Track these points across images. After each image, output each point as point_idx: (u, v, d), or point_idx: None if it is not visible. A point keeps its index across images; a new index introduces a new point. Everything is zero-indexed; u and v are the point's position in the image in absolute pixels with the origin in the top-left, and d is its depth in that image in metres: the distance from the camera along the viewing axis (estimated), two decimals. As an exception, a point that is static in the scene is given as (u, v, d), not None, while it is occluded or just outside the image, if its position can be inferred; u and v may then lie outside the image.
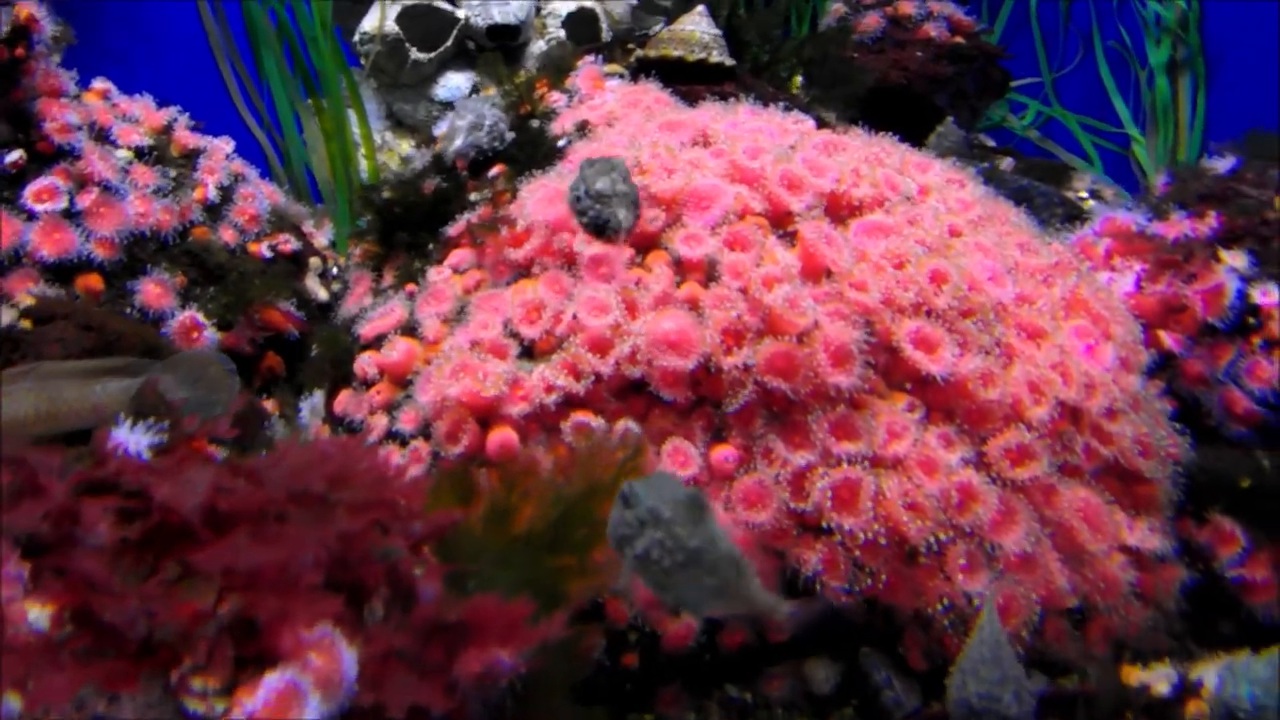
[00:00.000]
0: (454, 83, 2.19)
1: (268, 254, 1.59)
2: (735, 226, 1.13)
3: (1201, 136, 2.51)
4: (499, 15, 2.15)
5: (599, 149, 1.25)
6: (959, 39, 2.33)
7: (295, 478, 0.63)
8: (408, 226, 1.30)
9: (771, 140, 1.25)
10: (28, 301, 1.26)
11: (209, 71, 2.22)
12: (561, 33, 2.20)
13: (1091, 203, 1.95)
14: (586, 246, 1.11)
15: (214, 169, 1.62)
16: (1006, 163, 2.37)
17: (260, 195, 1.65)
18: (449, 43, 2.16)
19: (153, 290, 1.43)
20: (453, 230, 1.25)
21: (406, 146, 2.18)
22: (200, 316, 1.44)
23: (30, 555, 0.57)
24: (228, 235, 1.57)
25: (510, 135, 1.37)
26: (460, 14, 2.17)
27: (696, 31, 1.52)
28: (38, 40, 1.48)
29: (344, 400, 1.16)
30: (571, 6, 2.24)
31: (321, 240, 1.76)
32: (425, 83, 2.20)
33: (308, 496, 0.62)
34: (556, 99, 1.48)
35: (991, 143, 2.65)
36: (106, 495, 0.60)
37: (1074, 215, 1.69)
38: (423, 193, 1.33)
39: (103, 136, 1.54)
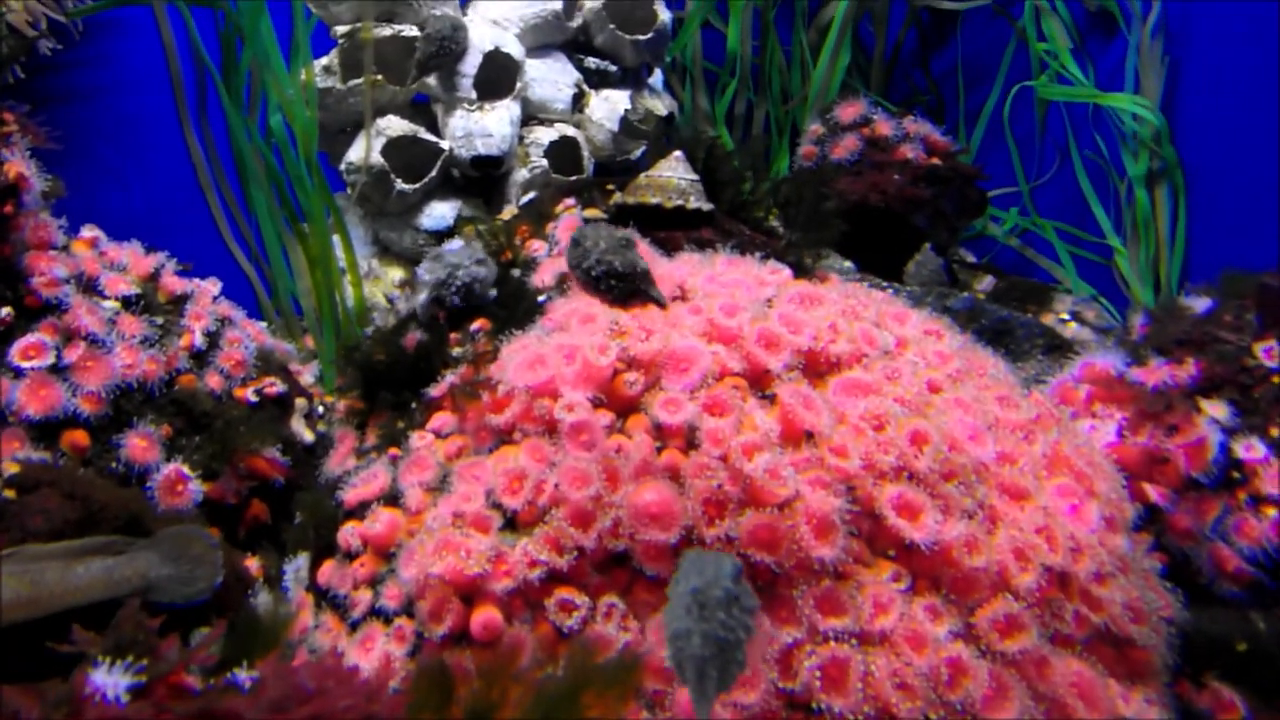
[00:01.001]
0: (439, 212, 2.21)
1: (253, 399, 1.59)
2: (714, 389, 1.14)
3: (1184, 248, 2.55)
4: (482, 147, 2.18)
5: (577, 307, 1.26)
6: (935, 160, 2.37)
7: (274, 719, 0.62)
8: (390, 384, 1.31)
9: (748, 294, 1.27)
10: (12, 469, 1.25)
11: (197, 201, 2.25)
12: (544, 161, 2.24)
13: (1074, 326, 1.97)
14: (568, 414, 1.12)
15: (200, 314, 1.63)
16: (986, 281, 2.40)
17: (246, 339, 1.66)
18: (434, 173, 2.20)
19: (138, 445, 1.43)
20: (435, 391, 1.26)
21: (394, 274, 2.20)
22: (185, 469, 1.44)
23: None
24: (214, 381, 1.57)
25: (493, 291, 1.38)
26: (444, 145, 2.21)
27: (674, 178, 1.55)
28: (27, 197, 1.50)
29: (328, 572, 1.16)
30: (554, 135, 2.28)
31: (308, 378, 1.76)
32: (411, 211, 2.23)
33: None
34: (538, 247, 1.50)
35: (971, 258, 2.68)
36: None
37: (1055, 346, 1.71)
38: (405, 348, 1.34)
39: (90, 287, 1.55)
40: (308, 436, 1.64)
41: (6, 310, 1.44)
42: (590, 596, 1.03)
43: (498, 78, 2.27)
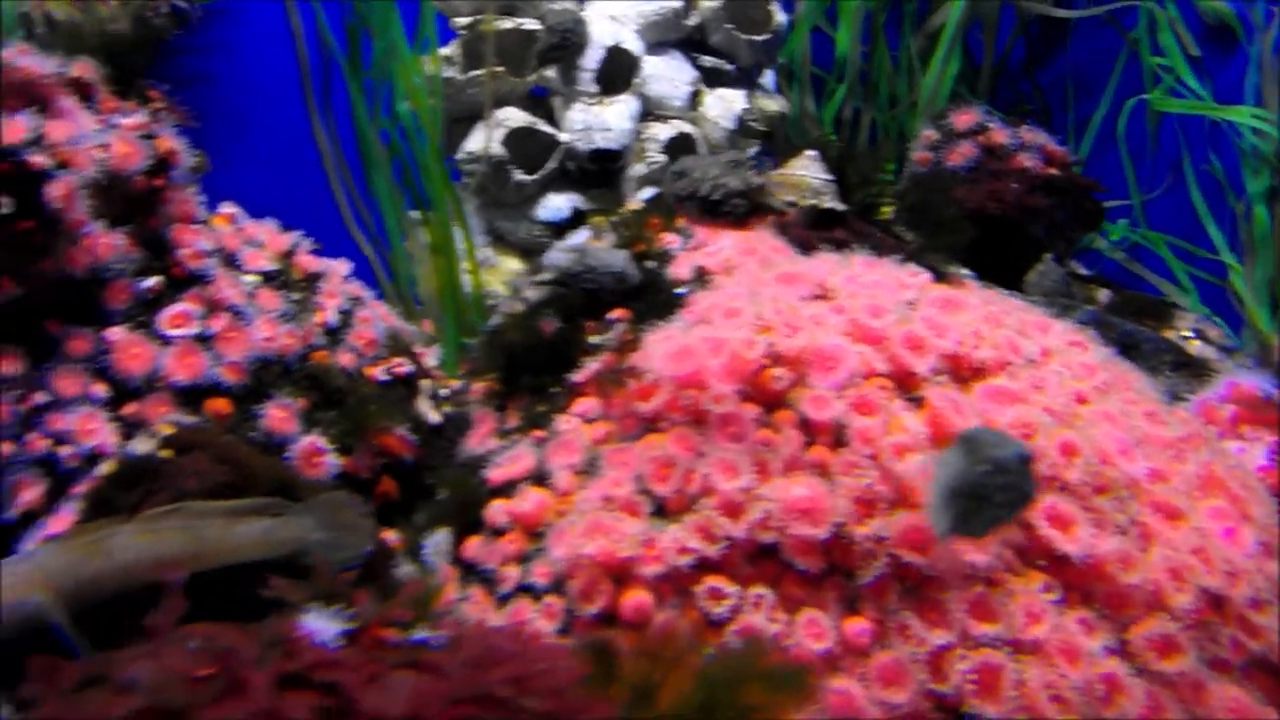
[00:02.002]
0: (555, 203, 2.24)
1: (384, 378, 1.63)
2: (862, 389, 1.14)
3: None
4: (601, 141, 2.20)
5: (719, 300, 1.27)
6: (1053, 170, 2.34)
7: (476, 676, 0.64)
8: (531, 368, 1.33)
9: (890, 296, 1.27)
10: (166, 430, 1.30)
11: (317, 186, 2.30)
12: (661, 157, 2.25)
13: (1197, 344, 1.93)
14: (716, 406, 1.13)
15: (333, 293, 1.67)
16: (1103, 295, 2.37)
17: (377, 318, 1.69)
18: (551, 165, 2.22)
19: (278, 415, 1.47)
20: (578, 377, 1.28)
21: (509, 263, 2.23)
22: (322, 442, 1.47)
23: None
24: (346, 359, 1.61)
25: (631, 281, 1.40)
26: (563, 138, 2.23)
27: (808, 177, 1.55)
28: (176, 171, 1.54)
29: (474, 547, 1.18)
30: (671, 131, 2.29)
31: (430, 361, 1.79)
32: (527, 202, 2.26)
33: (490, 699, 0.63)
34: (671, 240, 1.51)
35: (1083, 270, 2.65)
36: (303, 690, 0.62)
37: (1182, 363, 1.68)
38: (544, 333, 1.36)
39: (230, 261, 1.60)
40: (434, 417, 1.66)
41: (156, 279, 1.49)
42: (741, 586, 1.04)
43: (616, 73, 2.29)
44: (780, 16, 2.45)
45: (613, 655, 0.88)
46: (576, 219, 2.21)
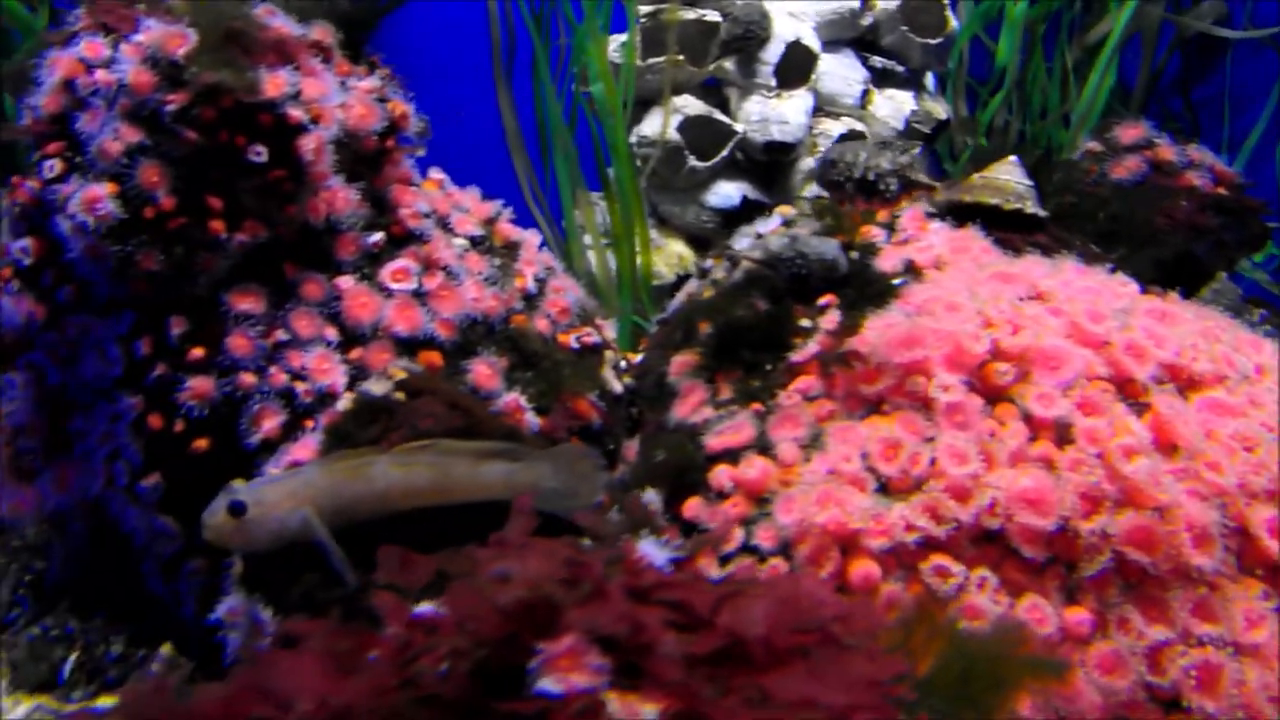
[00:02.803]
0: (725, 191, 2.29)
1: (575, 345, 1.69)
2: (1087, 390, 1.17)
3: None
4: (778, 133, 2.25)
5: (938, 294, 1.31)
6: (1222, 190, 2.33)
7: (813, 609, 0.69)
8: (747, 344, 1.38)
9: (1106, 303, 1.30)
10: (400, 375, 1.38)
11: (497, 163, 2.37)
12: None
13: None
14: (943, 394, 1.17)
15: (531, 261, 1.74)
16: (1258, 314, 2.35)
17: (569, 288, 1.76)
18: (725, 153, 2.27)
19: (484, 371, 1.54)
20: (797, 357, 1.33)
21: (674, 246, 2.29)
22: (523, 400, 1.55)
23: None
24: (541, 325, 1.68)
25: (842, 269, 1.45)
26: (738, 128, 2.28)
27: (1011, 181, 1.58)
28: (404, 134, 1.63)
29: (695, 507, 1.24)
30: (842, 128, 2.33)
31: (610, 334, 1.86)
32: (698, 189, 2.31)
33: (823, 632, 0.69)
34: (876, 233, 1.55)
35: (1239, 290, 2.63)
36: (651, 605, 0.68)
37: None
38: (758, 311, 1.41)
39: (442, 224, 1.68)
40: (617, 387, 1.73)
41: (380, 235, 1.57)
42: (965, 566, 1.08)
43: (793, 68, 2.33)
44: (955, 22, 2.47)
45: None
46: (746, 208, 2.26)
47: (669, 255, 2.26)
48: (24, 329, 1.51)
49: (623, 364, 1.85)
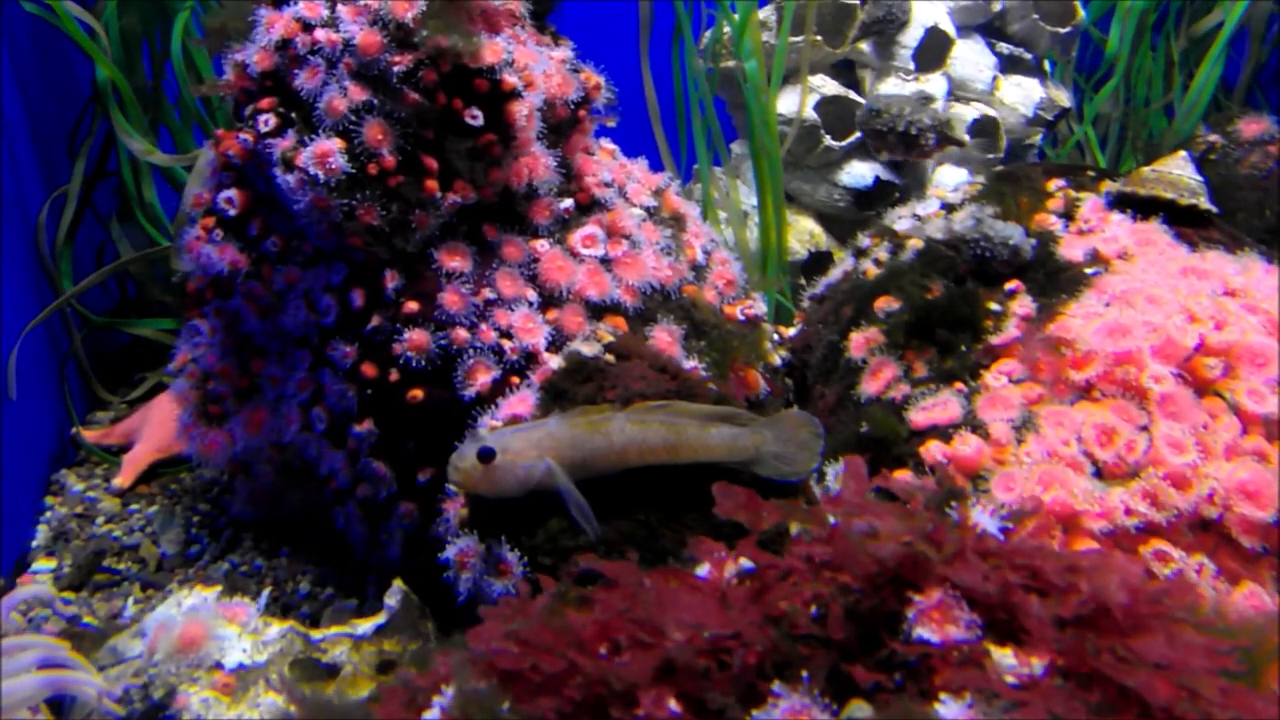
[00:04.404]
0: (859, 171, 2.33)
1: (741, 317, 1.75)
2: (1293, 388, 1.22)
3: None
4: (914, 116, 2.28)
5: (1136, 286, 1.36)
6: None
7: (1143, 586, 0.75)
8: (940, 324, 1.43)
9: (1298, 302, 1.34)
10: (608, 338, 1.43)
11: (633, 134, 2.41)
12: (966, 137, 2.33)
13: None
14: (1156, 385, 1.22)
15: (699, 233, 1.79)
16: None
17: (733, 260, 1.81)
18: (858, 134, 2.31)
19: (664, 338, 1.59)
20: (997, 339, 1.37)
21: (804, 224, 2.33)
22: (702, 368, 1.60)
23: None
24: (709, 296, 1.73)
25: (1028, 255, 1.49)
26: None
27: (1184, 176, 1.62)
28: (595, 105, 1.67)
29: (905, 480, 1.29)
30: (974, 113, 2.36)
31: (762, 308, 1.91)
32: (830, 167, 2.35)
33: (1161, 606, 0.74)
34: (1053, 222, 1.59)
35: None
36: (1009, 569, 0.73)
37: None
38: (953, 292, 1.46)
39: (620, 193, 1.72)
40: (775, 359, 1.78)
41: (570, 202, 1.62)
42: (1184, 552, 1.14)
43: (928, 52, 2.36)
44: (1083, 11, 2.49)
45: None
46: (879, 188, 2.30)
47: (800, 231, 2.30)
48: (226, 277, 1.57)
49: (775, 337, 1.91)
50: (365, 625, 1.26)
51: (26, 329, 1.89)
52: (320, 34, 1.48)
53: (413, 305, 1.45)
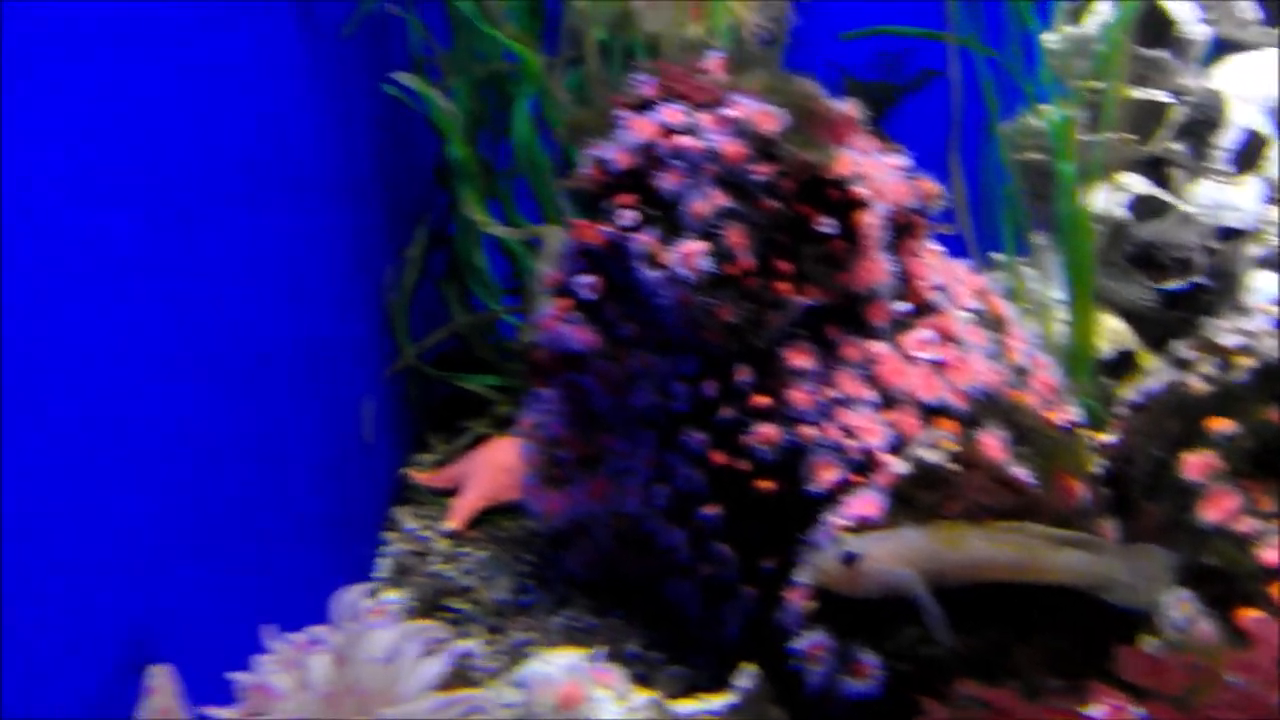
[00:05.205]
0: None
1: (1061, 422, 1.77)
2: None
3: None
4: (1231, 220, 2.26)
5: None
6: None
7: None
8: (1287, 459, 1.42)
9: None
10: (951, 446, 1.49)
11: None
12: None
13: None
14: None
15: (1019, 336, 1.82)
16: None
17: (1052, 365, 1.84)
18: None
19: (992, 444, 1.63)
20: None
21: (1110, 323, 2.32)
22: (1027, 475, 1.63)
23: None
24: (1031, 400, 1.76)
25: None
26: (1188, 210, 2.29)
27: None
28: (931, 212, 1.74)
29: (1255, 621, 1.29)
30: (1295, 219, 2.30)
31: (1080, 413, 1.92)
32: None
33: None
34: None
35: None
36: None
37: None
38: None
39: (947, 296, 1.78)
40: (1093, 468, 1.79)
41: (905, 305, 1.69)
42: None
43: (1246, 154, 2.31)
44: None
45: None
46: (1195, 292, 2.27)
47: (1105, 330, 2.29)
48: (579, 355, 1.71)
49: (1093, 444, 1.91)
50: (718, 702, 1.35)
51: (387, 374, 2.11)
52: (683, 140, 1.61)
53: (762, 400, 1.55)
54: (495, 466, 2.08)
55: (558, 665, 1.34)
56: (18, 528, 0.96)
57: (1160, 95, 2.35)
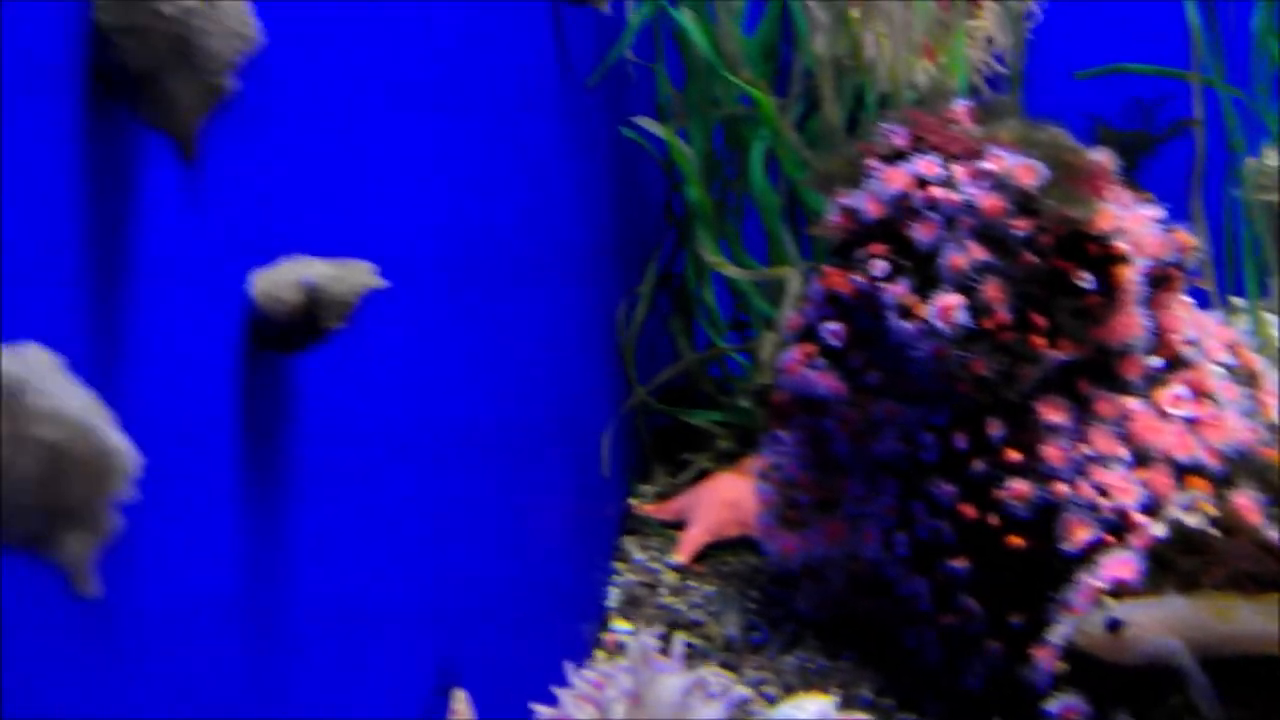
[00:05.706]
0: None
1: (1321, 486, 1.70)
2: None
3: None
4: None
5: None
6: None
7: None
8: None
9: None
10: (1211, 510, 1.47)
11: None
12: None
13: None
14: None
15: (1273, 391, 1.76)
16: None
17: (1307, 422, 1.77)
18: None
19: (1247, 505, 1.59)
20: None
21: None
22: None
23: None
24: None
25: None
26: None
27: None
28: (1185, 261, 1.71)
29: None
30: None
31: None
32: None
33: None
34: None
35: None
36: None
37: None
38: None
39: (1200, 350, 1.74)
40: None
41: (1160, 360, 1.66)
42: None
43: None
44: None
45: None
46: None
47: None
48: (821, 400, 1.76)
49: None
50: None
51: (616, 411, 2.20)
52: (938, 192, 1.63)
53: (1015, 454, 1.55)
54: (721, 502, 2.14)
55: (809, 712, 1.38)
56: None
57: None
